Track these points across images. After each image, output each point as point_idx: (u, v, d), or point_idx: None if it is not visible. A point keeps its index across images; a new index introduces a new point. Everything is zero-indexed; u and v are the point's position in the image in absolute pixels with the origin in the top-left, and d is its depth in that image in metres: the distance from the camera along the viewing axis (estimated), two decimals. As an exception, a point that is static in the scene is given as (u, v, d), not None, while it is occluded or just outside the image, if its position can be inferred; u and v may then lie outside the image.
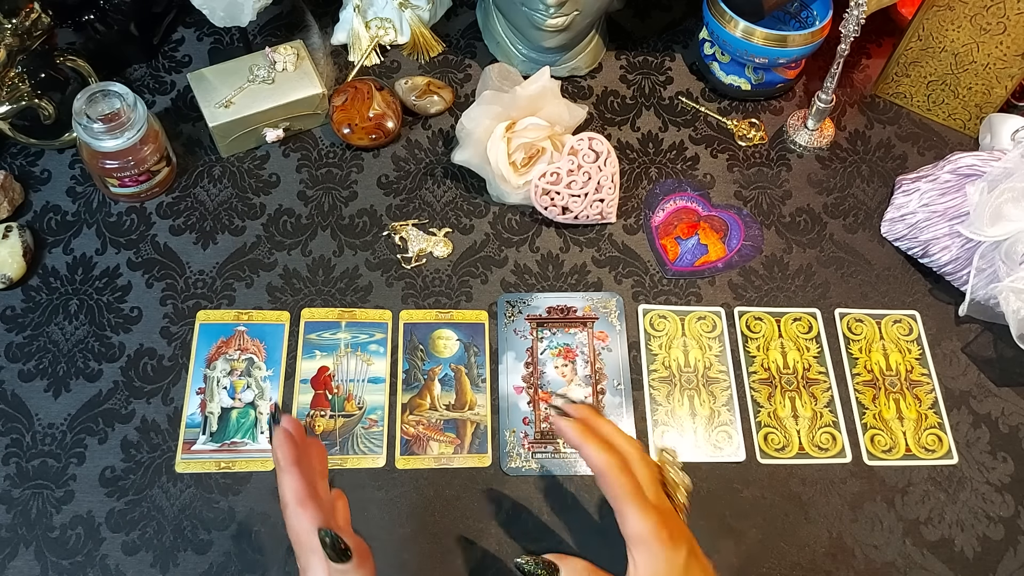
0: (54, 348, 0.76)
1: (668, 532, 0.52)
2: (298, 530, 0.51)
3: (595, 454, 0.53)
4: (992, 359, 0.81)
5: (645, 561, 0.51)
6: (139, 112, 0.78)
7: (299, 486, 0.52)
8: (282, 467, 0.53)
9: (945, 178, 0.83)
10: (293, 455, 0.53)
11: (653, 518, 0.52)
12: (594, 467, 0.53)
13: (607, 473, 0.53)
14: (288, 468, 0.52)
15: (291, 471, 0.52)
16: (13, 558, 0.67)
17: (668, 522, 0.52)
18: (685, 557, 0.52)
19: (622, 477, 0.52)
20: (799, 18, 0.95)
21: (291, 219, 0.84)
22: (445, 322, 0.80)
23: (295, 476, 0.52)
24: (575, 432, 0.54)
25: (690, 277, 0.84)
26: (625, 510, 0.52)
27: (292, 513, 0.52)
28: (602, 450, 0.53)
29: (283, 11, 0.97)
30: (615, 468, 0.53)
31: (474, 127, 0.82)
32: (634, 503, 0.52)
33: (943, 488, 0.74)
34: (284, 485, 0.52)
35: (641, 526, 0.51)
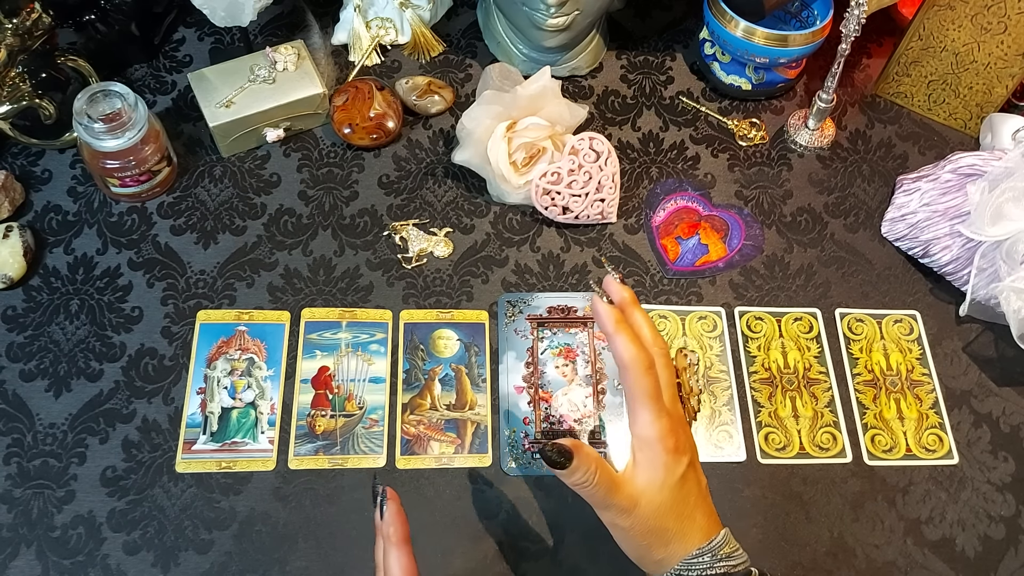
0: (55, 348, 0.76)
1: (675, 441, 0.53)
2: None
3: (624, 348, 0.53)
4: (993, 359, 0.81)
5: (646, 463, 0.53)
6: (140, 112, 0.78)
7: (408, 564, 0.52)
8: (394, 543, 0.53)
9: (946, 178, 0.83)
10: (405, 531, 0.53)
11: (664, 424, 0.53)
12: (620, 360, 0.54)
13: (631, 369, 0.53)
14: (399, 544, 0.53)
15: (402, 548, 0.53)
16: (14, 558, 0.67)
17: (677, 430, 0.54)
18: (684, 468, 0.54)
19: (645, 377, 0.53)
20: (800, 18, 0.95)
21: (292, 219, 0.84)
22: (446, 322, 0.80)
23: (406, 554, 0.52)
24: (611, 320, 0.54)
25: (691, 277, 0.84)
26: (639, 410, 0.53)
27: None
28: (632, 344, 0.53)
29: (284, 11, 0.97)
30: (640, 366, 0.53)
31: (475, 127, 0.82)
32: (649, 405, 0.53)
33: (944, 488, 0.74)
34: (393, 561, 0.52)
35: (651, 429, 0.53)
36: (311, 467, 0.72)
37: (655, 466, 0.53)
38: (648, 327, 0.57)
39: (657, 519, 0.54)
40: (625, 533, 0.55)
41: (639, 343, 0.54)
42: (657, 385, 0.54)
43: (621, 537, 0.56)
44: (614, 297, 0.57)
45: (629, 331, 0.54)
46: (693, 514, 0.55)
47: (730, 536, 0.56)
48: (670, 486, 0.54)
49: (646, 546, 0.55)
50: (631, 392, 0.53)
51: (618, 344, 0.54)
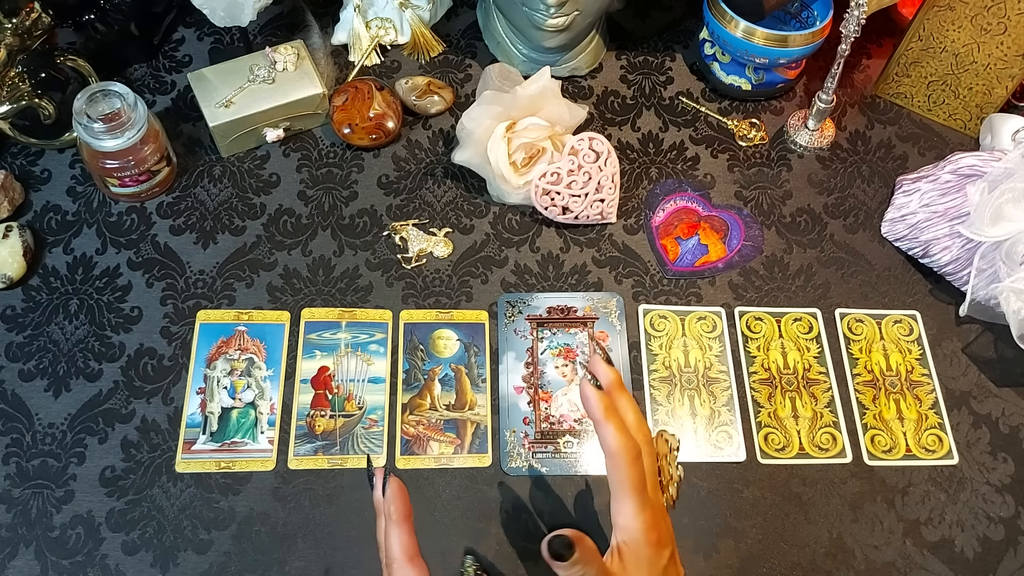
0: (54, 348, 0.76)
1: (657, 535, 0.53)
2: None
3: (614, 438, 0.53)
4: (992, 359, 0.81)
5: (629, 554, 0.53)
6: (139, 112, 0.78)
7: (410, 542, 0.52)
8: (395, 520, 0.52)
9: (946, 178, 0.83)
10: (406, 510, 0.53)
11: (647, 517, 0.52)
12: (607, 449, 0.53)
13: (618, 460, 0.53)
14: (401, 523, 0.52)
15: (404, 526, 0.52)
16: (13, 558, 0.67)
17: (659, 523, 0.53)
18: (666, 561, 0.53)
19: (631, 469, 0.53)
20: (799, 18, 0.95)
21: (291, 219, 0.84)
22: (445, 322, 0.80)
23: (407, 531, 0.52)
24: (600, 408, 0.54)
25: (690, 277, 0.84)
26: (624, 501, 0.53)
27: (399, 569, 0.51)
28: (620, 434, 0.53)
29: (283, 11, 0.97)
30: (628, 457, 0.53)
31: (474, 127, 0.82)
32: (634, 497, 0.52)
33: (943, 488, 0.74)
34: (394, 540, 0.52)
35: (635, 523, 0.52)
36: (310, 467, 0.72)
37: (639, 559, 0.53)
38: (633, 412, 0.56)
39: None
40: None
41: (627, 432, 0.54)
42: (643, 477, 0.53)
43: None
44: (601, 379, 0.57)
45: (617, 420, 0.54)
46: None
47: None
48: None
49: None
50: (617, 482, 0.53)
51: (606, 433, 0.53)
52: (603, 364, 0.57)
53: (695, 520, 0.72)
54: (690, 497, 0.72)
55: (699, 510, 0.72)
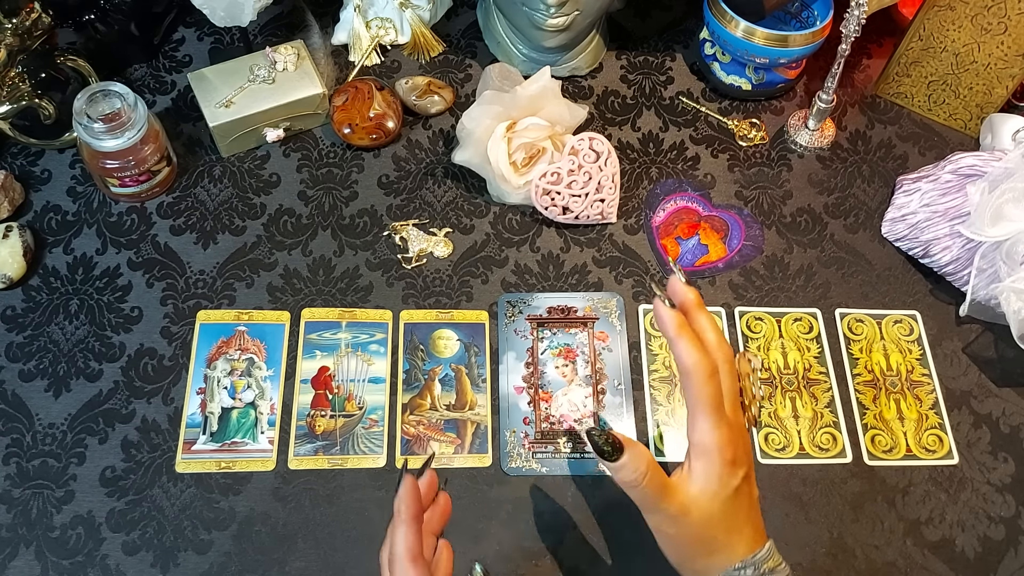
0: (54, 348, 0.76)
1: (733, 452, 0.52)
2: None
3: (687, 353, 0.52)
4: (993, 359, 0.81)
5: (701, 472, 0.52)
6: (139, 112, 0.78)
7: (414, 543, 0.51)
8: (402, 519, 0.52)
9: (946, 178, 0.83)
10: (416, 509, 0.52)
11: (724, 433, 0.52)
12: (682, 366, 0.52)
13: (693, 376, 0.52)
14: (408, 522, 0.52)
15: (411, 526, 0.52)
16: (13, 558, 0.67)
17: (736, 441, 0.53)
18: (740, 481, 0.53)
19: (707, 385, 0.52)
20: (800, 18, 0.95)
21: (291, 219, 0.84)
22: (445, 322, 0.80)
23: (413, 532, 0.52)
24: (673, 324, 0.53)
25: (690, 277, 0.84)
26: (699, 418, 0.52)
27: (400, 568, 0.51)
28: (694, 350, 0.52)
29: (283, 11, 0.97)
30: (703, 373, 0.52)
31: (475, 127, 0.82)
32: (709, 413, 0.51)
33: (944, 488, 0.74)
34: (399, 538, 0.52)
35: (709, 438, 0.51)
36: (311, 467, 0.72)
37: (710, 476, 0.52)
38: (713, 330, 0.55)
39: (706, 529, 0.53)
40: (670, 539, 0.54)
41: (701, 348, 0.53)
42: (719, 392, 0.53)
43: (665, 542, 0.55)
44: (678, 299, 0.56)
45: (691, 335, 0.53)
46: (742, 527, 0.54)
47: (774, 549, 0.55)
48: (723, 498, 0.53)
49: (689, 555, 0.54)
50: (692, 399, 0.52)
51: (680, 349, 0.52)
52: (681, 284, 0.56)
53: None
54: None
55: (699, 510, 0.72)
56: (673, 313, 0.53)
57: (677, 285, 0.56)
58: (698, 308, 0.56)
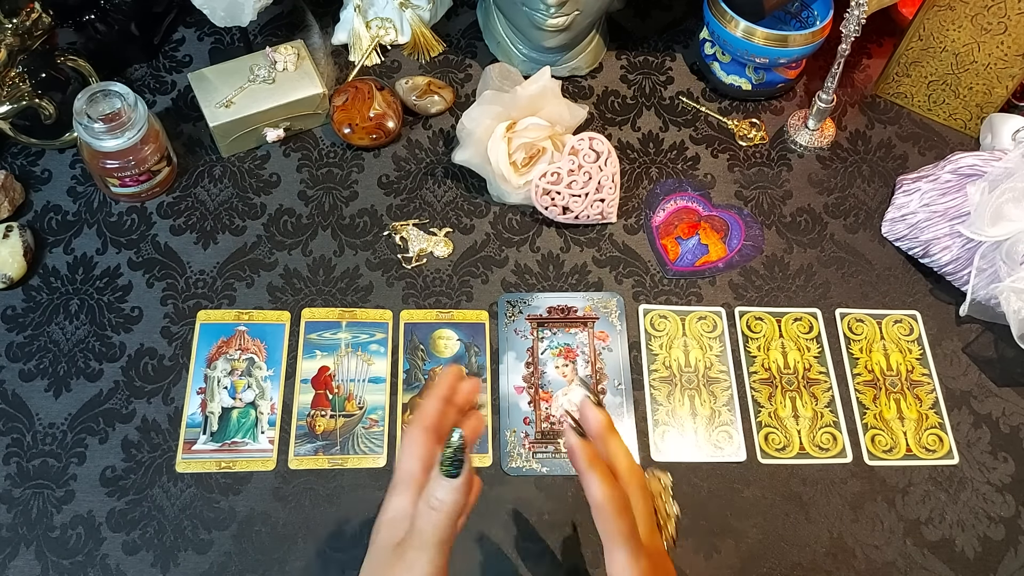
0: (55, 348, 0.76)
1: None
2: (408, 451, 0.51)
3: (598, 488, 0.51)
4: (993, 359, 0.81)
5: None
6: (140, 112, 0.78)
7: (433, 415, 0.52)
8: (432, 394, 0.53)
9: (946, 178, 0.83)
10: (447, 391, 0.53)
11: (644, 566, 0.50)
12: (593, 501, 0.51)
13: (605, 511, 0.50)
14: (435, 398, 0.53)
15: (436, 401, 0.53)
16: (14, 558, 0.67)
17: (656, 570, 0.51)
18: None
19: (619, 520, 0.50)
20: (800, 18, 0.95)
21: (292, 219, 0.84)
22: (446, 322, 0.80)
23: (436, 407, 0.52)
24: (584, 457, 0.52)
25: (691, 277, 0.84)
26: (616, 553, 0.50)
27: (412, 432, 0.52)
28: (606, 484, 0.51)
29: (284, 11, 0.97)
30: (615, 507, 0.50)
31: (475, 127, 0.82)
32: (626, 547, 0.50)
33: (944, 488, 0.74)
34: (424, 407, 0.52)
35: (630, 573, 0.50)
36: (311, 467, 0.72)
37: None
38: (624, 457, 0.54)
39: None
40: None
41: (613, 481, 0.51)
42: (634, 524, 0.51)
43: None
44: (591, 424, 0.54)
45: (602, 468, 0.51)
46: None
47: None
48: None
49: None
50: (607, 533, 0.50)
51: (591, 484, 0.51)
52: (592, 408, 0.54)
53: (695, 520, 0.72)
54: (690, 497, 0.72)
55: (699, 510, 0.72)
56: (584, 444, 0.52)
57: (590, 410, 0.54)
58: (610, 433, 0.54)
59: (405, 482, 0.51)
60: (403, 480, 0.51)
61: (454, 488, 0.48)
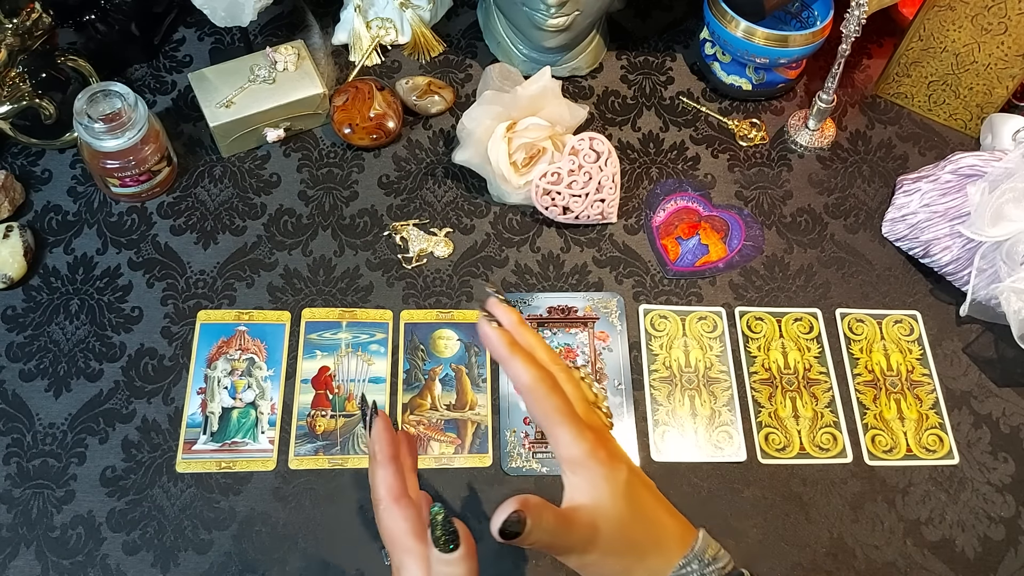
0: (55, 348, 0.76)
1: (606, 452, 0.48)
2: (391, 528, 0.50)
3: (523, 371, 0.48)
4: (993, 359, 0.81)
5: (585, 483, 0.48)
6: (140, 112, 0.78)
7: (395, 482, 0.51)
8: (379, 461, 0.51)
9: (946, 178, 0.83)
10: (392, 450, 0.51)
11: (589, 438, 0.48)
12: (522, 385, 0.48)
13: (536, 391, 0.48)
14: (385, 463, 0.51)
15: (388, 466, 0.51)
16: (14, 558, 0.67)
17: (604, 442, 0.49)
18: (626, 475, 0.49)
19: (553, 397, 0.48)
20: (800, 18, 0.95)
21: (292, 219, 0.84)
22: (446, 322, 0.80)
23: (392, 472, 0.51)
24: (502, 344, 0.49)
25: (691, 277, 0.84)
26: (558, 431, 0.48)
27: (386, 510, 0.50)
28: (530, 366, 0.48)
29: (284, 11, 0.97)
30: (545, 386, 0.48)
31: (475, 127, 0.82)
32: (568, 424, 0.48)
33: (944, 488, 0.74)
34: (379, 480, 0.51)
35: (577, 448, 0.48)
36: (311, 467, 0.72)
37: (596, 482, 0.48)
38: (542, 347, 0.52)
39: (623, 534, 0.48)
40: (598, 567, 0.49)
41: (536, 363, 0.49)
42: (568, 402, 0.49)
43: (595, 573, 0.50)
44: (502, 320, 0.51)
45: (524, 353, 0.49)
46: (659, 519, 0.50)
47: (708, 537, 0.51)
48: (620, 495, 0.48)
49: (625, 571, 0.49)
50: (543, 415, 0.48)
51: (515, 368, 0.48)
52: (502, 305, 0.52)
53: (695, 520, 0.71)
54: (690, 497, 0.72)
55: (699, 510, 0.72)
56: (501, 332, 0.50)
57: (498, 307, 0.52)
58: (523, 326, 0.53)
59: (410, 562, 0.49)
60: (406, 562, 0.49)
61: (459, 560, 0.46)
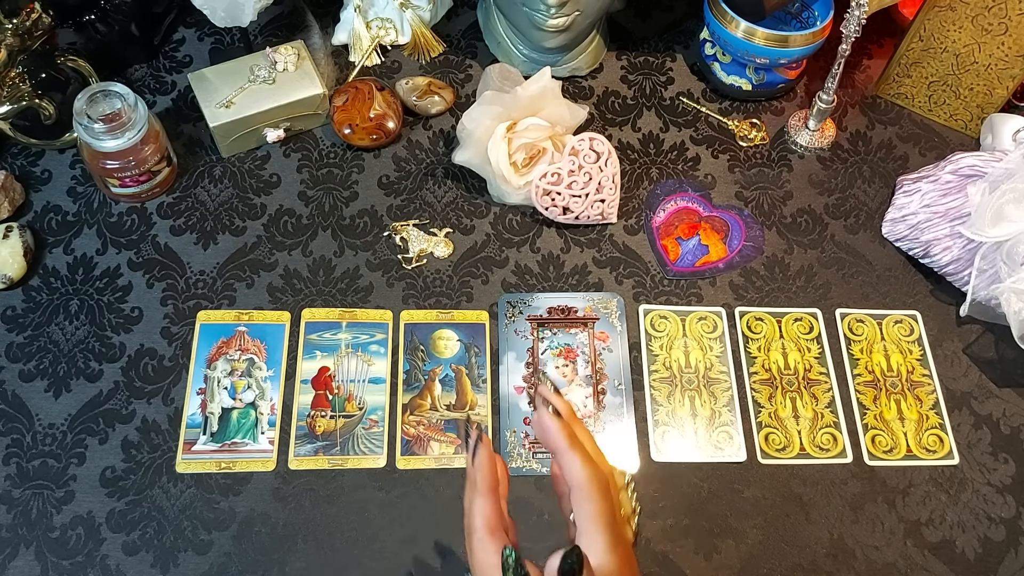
0: (55, 348, 0.76)
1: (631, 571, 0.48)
2: (483, 561, 0.48)
3: (582, 468, 0.47)
4: (993, 360, 0.81)
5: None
6: (140, 112, 0.78)
7: (493, 514, 0.49)
8: (480, 491, 0.49)
9: (946, 179, 0.83)
10: (493, 480, 0.49)
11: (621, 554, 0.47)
12: (576, 480, 0.47)
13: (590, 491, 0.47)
14: (486, 493, 0.49)
15: (489, 497, 0.49)
16: (13, 558, 0.67)
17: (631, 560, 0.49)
18: None
19: (604, 501, 0.47)
20: (800, 18, 0.95)
21: (292, 219, 0.84)
22: (446, 322, 0.80)
23: (491, 503, 0.49)
24: (563, 436, 0.48)
25: (691, 278, 0.84)
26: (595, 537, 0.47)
27: (480, 541, 0.48)
28: (587, 464, 0.47)
29: (284, 11, 0.97)
30: (600, 488, 0.47)
31: (475, 127, 0.82)
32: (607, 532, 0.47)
33: (944, 489, 0.74)
34: (477, 511, 0.49)
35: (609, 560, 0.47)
36: (311, 467, 0.72)
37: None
38: (592, 444, 0.50)
39: None
40: None
41: (593, 462, 0.48)
42: (614, 509, 0.48)
43: None
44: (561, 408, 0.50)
45: (583, 449, 0.48)
46: None
47: None
48: None
49: None
50: (588, 516, 0.47)
51: (573, 464, 0.47)
52: (554, 395, 0.51)
53: (696, 520, 0.72)
54: (690, 497, 0.72)
55: (699, 510, 0.72)
56: (563, 423, 0.49)
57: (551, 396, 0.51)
58: (575, 420, 0.51)
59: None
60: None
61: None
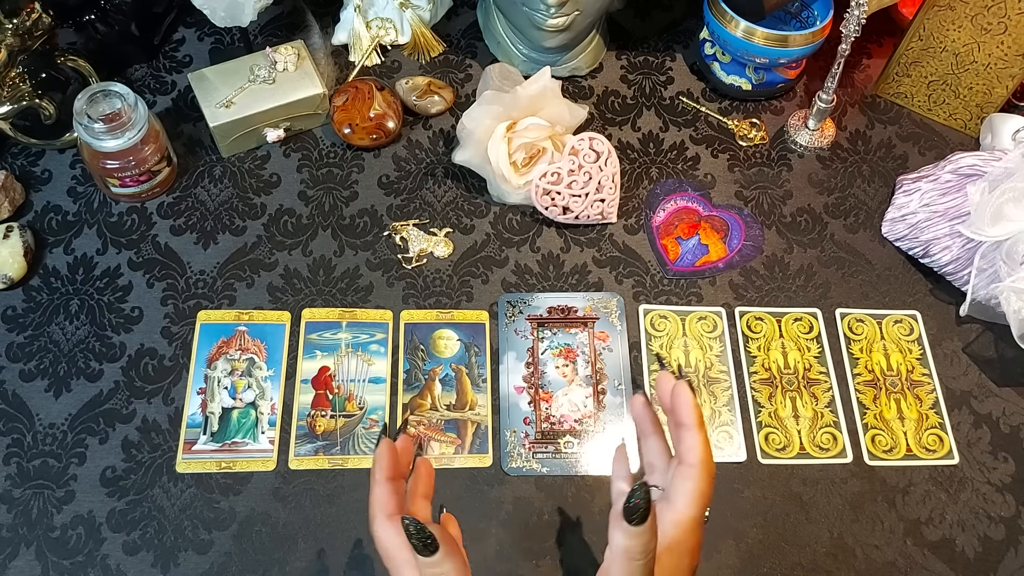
0: (55, 348, 0.76)
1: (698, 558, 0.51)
2: (385, 544, 0.50)
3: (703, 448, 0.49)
4: (993, 359, 0.81)
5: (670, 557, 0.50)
6: (140, 112, 0.78)
7: (388, 500, 0.51)
8: (375, 479, 0.52)
9: (946, 178, 0.83)
10: (389, 471, 0.52)
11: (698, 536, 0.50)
12: (694, 459, 0.49)
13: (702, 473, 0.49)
14: (380, 482, 0.52)
15: (383, 485, 0.52)
16: (14, 558, 0.67)
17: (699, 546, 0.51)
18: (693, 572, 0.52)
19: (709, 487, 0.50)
20: (800, 18, 0.95)
21: (292, 219, 0.84)
22: (446, 322, 0.80)
23: (386, 490, 0.51)
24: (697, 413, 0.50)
25: (691, 277, 0.84)
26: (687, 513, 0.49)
27: (379, 526, 0.51)
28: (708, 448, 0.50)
29: (284, 11, 0.97)
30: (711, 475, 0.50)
31: (475, 127, 0.82)
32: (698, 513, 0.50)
33: (944, 488, 0.74)
34: (374, 498, 0.51)
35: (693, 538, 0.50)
36: (311, 467, 0.72)
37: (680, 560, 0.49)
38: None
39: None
40: None
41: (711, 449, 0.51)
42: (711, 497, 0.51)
43: None
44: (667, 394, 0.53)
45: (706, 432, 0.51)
46: None
47: None
48: None
49: None
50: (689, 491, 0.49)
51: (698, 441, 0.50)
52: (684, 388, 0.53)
53: (696, 520, 0.72)
54: (691, 497, 0.72)
55: (700, 510, 0.72)
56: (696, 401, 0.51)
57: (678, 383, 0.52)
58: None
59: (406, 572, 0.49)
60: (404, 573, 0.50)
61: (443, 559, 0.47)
